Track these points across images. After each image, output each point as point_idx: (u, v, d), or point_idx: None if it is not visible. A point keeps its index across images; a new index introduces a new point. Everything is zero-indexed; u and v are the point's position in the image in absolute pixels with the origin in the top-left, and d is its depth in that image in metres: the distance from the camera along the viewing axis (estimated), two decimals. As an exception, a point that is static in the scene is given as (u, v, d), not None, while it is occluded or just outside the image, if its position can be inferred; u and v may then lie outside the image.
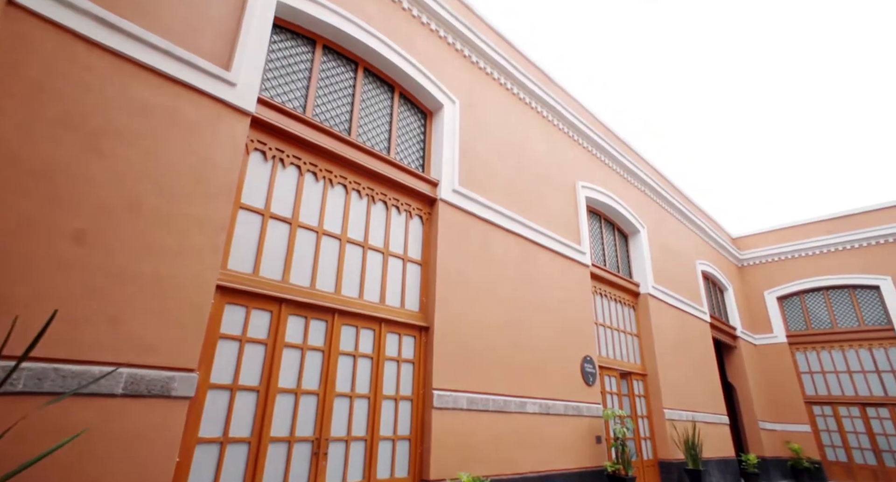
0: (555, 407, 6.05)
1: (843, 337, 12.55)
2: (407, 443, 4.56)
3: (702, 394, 9.72)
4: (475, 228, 5.95)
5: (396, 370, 4.74)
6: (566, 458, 5.97)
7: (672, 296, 9.86)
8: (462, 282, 5.48)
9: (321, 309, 4.28)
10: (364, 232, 4.96)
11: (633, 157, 10.22)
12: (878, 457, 11.50)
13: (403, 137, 5.90)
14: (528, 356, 6.00)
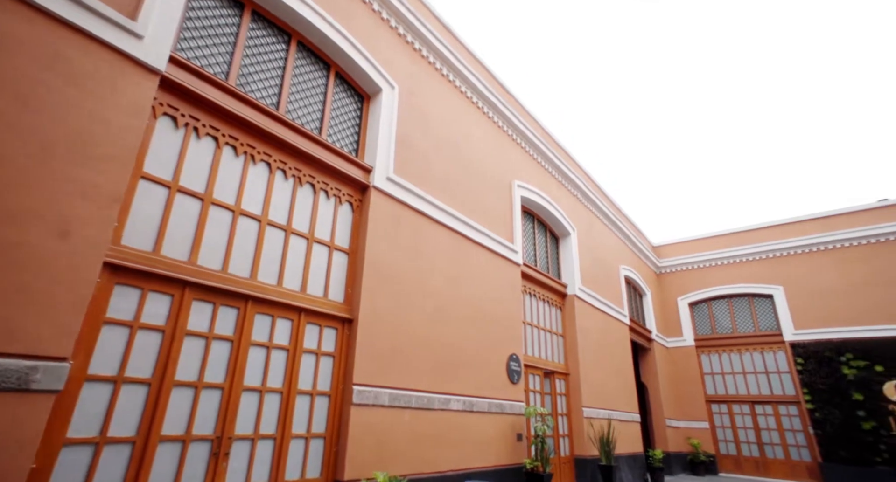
0: (479, 404, 6.01)
1: (741, 341, 13.76)
2: (321, 442, 4.28)
3: (618, 393, 10.19)
4: (408, 219, 5.76)
5: (315, 364, 4.44)
6: (487, 456, 5.95)
7: (597, 298, 10.26)
8: (391, 275, 5.27)
9: (233, 295, 3.90)
10: (288, 215, 4.61)
11: (568, 162, 10.52)
12: (761, 450, 12.74)
13: (338, 119, 5.59)
14: (455, 353, 5.91)
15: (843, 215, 12.95)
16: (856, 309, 12.03)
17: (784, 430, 12.52)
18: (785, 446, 12.44)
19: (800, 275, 13.11)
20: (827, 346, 12.10)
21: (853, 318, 12.00)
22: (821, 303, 12.53)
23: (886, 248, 12.14)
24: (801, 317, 12.74)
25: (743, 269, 14.13)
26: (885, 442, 10.83)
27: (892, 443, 10.74)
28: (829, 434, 11.49)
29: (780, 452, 12.46)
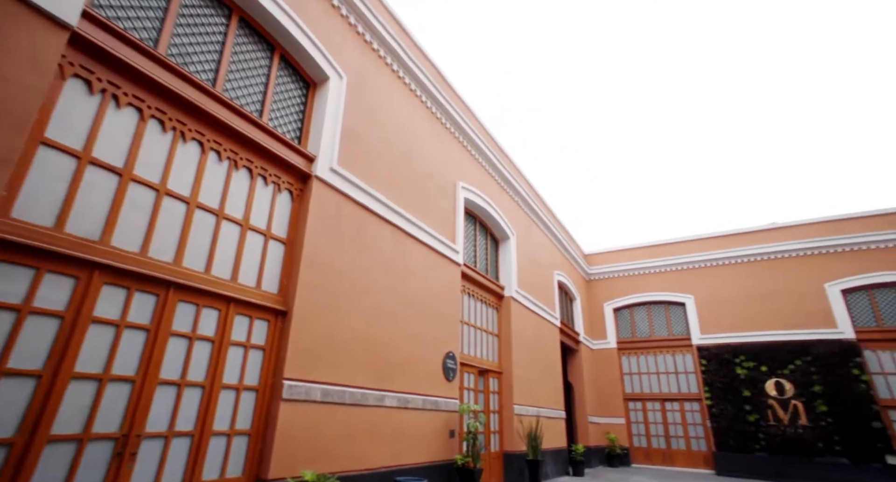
0: (413, 401, 5.98)
1: (656, 344, 14.83)
2: (246, 439, 4.04)
3: (547, 392, 10.58)
4: (350, 212, 5.62)
5: (243, 357, 4.19)
6: (419, 452, 5.93)
7: (531, 301, 10.60)
8: (330, 267, 5.11)
9: (151, 280, 3.58)
10: (221, 199, 4.32)
11: (510, 168, 10.80)
12: (668, 442, 13.85)
13: (281, 104, 5.35)
14: (393, 349, 5.84)
15: (740, 234, 14.39)
16: (749, 317, 13.41)
17: (687, 424, 13.68)
18: (687, 438, 13.59)
19: (707, 286, 14.38)
20: (726, 350, 13.37)
21: (747, 325, 13.36)
22: (723, 312, 13.83)
23: (773, 265, 13.66)
24: (706, 324, 13.97)
25: (662, 279, 15.24)
26: (763, 431, 12.22)
27: (769, 432, 12.15)
28: (722, 426, 12.73)
29: (683, 444, 13.60)
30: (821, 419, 11.78)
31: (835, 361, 12.05)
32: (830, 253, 13.04)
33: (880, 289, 12.42)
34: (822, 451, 11.57)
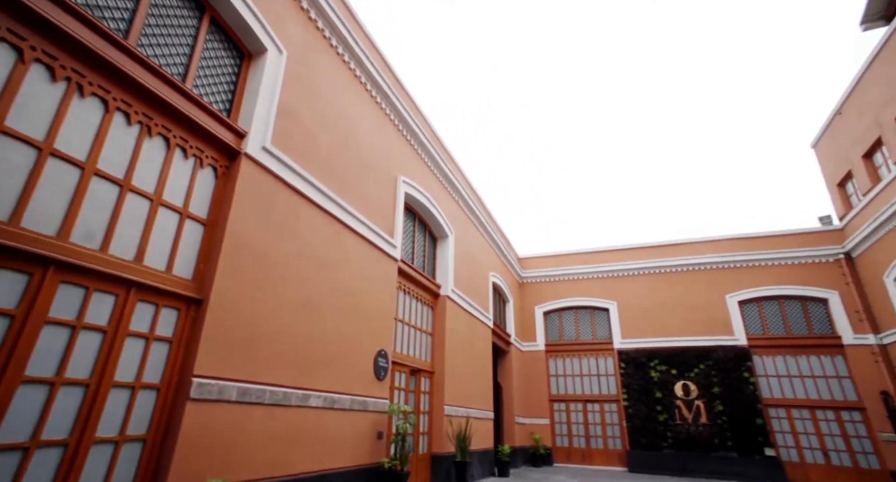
0: (341, 401, 5.62)
1: (581, 347, 15.44)
2: (139, 446, 3.50)
3: (477, 392, 10.56)
4: (283, 197, 5.18)
5: (143, 350, 3.65)
6: (345, 456, 5.58)
7: (466, 301, 10.54)
8: (256, 255, 4.65)
9: (25, 255, 2.99)
10: (127, 167, 3.75)
11: (452, 166, 10.70)
12: (588, 442, 14.44)
13: (209, 71, 4.81)
14: (322, 345, 5.45)
15: (659, 247, 15.40)
16: (664, 323, 14.36)
17: (606, 424, 14.35)
18: (605, 438, 14.26)
19: (629, 293, 15.21)
20: (643, 354, 14.21)
21: (662, 331, 14.30)
22: (641, 318, 14.69)
23: (685, 277, 14.73)
24: (627, 329, 14.76)
25: (589, 285, 15.89)
26: (671, 430, 13.10)
27: (676, 430, 13.05)
28: (636, 425, 13.49)
29: (601, 443, 14.25)
30: (718, 418, 12.83)
31: (731, 365, 13.18)
32: (731, 267, 14.27)
33: (767, 301, 13.78)
34: (717, 447, 12.60)
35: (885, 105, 11.00)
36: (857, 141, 12.28)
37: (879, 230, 11.61)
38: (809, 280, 13.32)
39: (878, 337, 12.19)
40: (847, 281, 12.88)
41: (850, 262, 13.00)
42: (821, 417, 12.44)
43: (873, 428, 11.81)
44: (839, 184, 13.54)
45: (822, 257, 13.37)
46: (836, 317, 12.85)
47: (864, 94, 11.89)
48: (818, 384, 12.70)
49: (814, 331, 13.12)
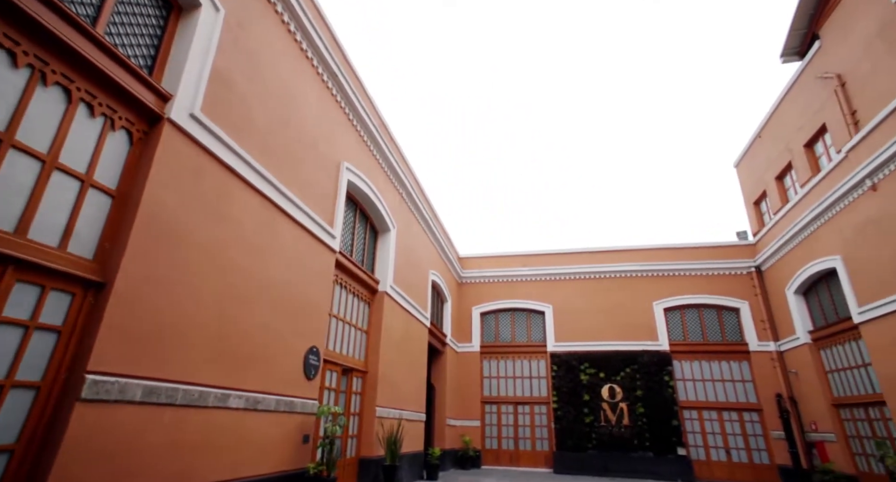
0: (265, 401, 5.12)
1: (516, 349, 15.64)
2: (5, 458, 2.88)
3: (411, 393, 10.28)
4: (212, 173, 4.62)
5: (21, 341, 3.02)
6: (267, 462, 5.08)
7: (405, 298, 10.23)
8: (176, 236, 4.08)
9: None
10: (10, 118, 3.10)
11: (398, 157, 10.36)
12: (516, 444, 14.63)
13: (128, 19, 4.17)
14: (248, 340, 4.93)
15: (594, 253, 15.97)
16: (595, 328, 14.89)
17: (535, 426, 14.61)
18: (533, 439, 14.50)
19: (563, 297, 15.62)
20: (574, 357, 14.63)
21: (592, 335, 14.82)
22: (574, 322, 15.13)
23: (617, 283, 15.38)
24: (560, 332, 15.15)
25: (527, 288, 16.14)
26: (595, 431, 13.59)
27: (600, 432, 13.55)
28: (564, 427, 13.85)
29: (529, 445, 14.49)
30: (639, 419, 13.49)
31: (654, 369, 13.92)
32: (659, 276, 15.12)
33: (689, 309, 14.75)
34: (636, 447, 13.24)
35: (797, 133, 12.12)
36: (772, 164, 13.46)
37: (785, 247, 12.76)
38: (725, 290, 14.40)
39: (777, 344, 13.41)
40: (756, 292, 14.07)
41: (760, 275, 14.22)
42: (726, 418, 13.46)
43: (767, 427, 12.96)
44: (755, 202, 14.78)
45: (737, 270, 14.52)
46: (745, 325, 13.99)
47: (779, 121, 13.03)
48: (726, 387, 13.74)
49: (726, 338, 14.20)
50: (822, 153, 11.42)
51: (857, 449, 10.81)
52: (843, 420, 11.20)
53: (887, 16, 9.04)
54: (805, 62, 11.70)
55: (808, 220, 11.43)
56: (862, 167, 9.46)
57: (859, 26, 9.83)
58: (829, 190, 10.68)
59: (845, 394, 11.05)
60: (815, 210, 11.10)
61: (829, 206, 10.65)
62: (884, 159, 8.91)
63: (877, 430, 10.10)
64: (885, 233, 9.13)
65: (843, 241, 10.42)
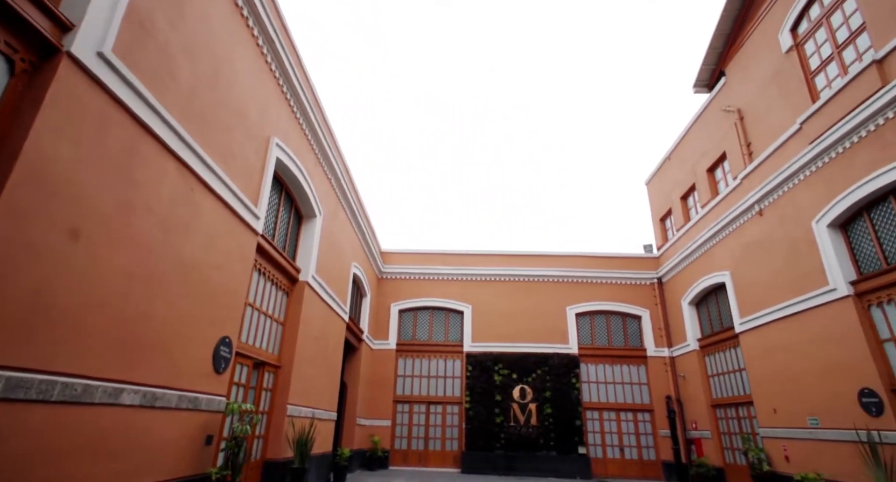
0: (166, 398, 4.43)
1: (433, 348, 15.56)
2: None
3: (324, 391, 9.71)
4: (121, 126, 3.90)
5: None
6: (161, 467, 4.39)
7: (326, 290, 9.66)
8: (71, 197, 3.35)
9: None
10: None
11: (331, 141, 9.77)
12: (426, 444, 14.51)
13: (23, -78, 3.35)
14: (150, 326, 4.23)
15: (514, 256, 16.46)
16: (511, 330, 15.30)
17: (446, 426, 14.63)
18: (444, 439, 14.50)
19: (483, 298, 15.86)
20: (489, 357, 14.90)
21: (508, 337, 15.21)
22: (492, 323, 15.43)
23: (534, 287, 15.96)
24: (478, 333, 15.35)
25: (448, 286, 16.14)
26: (504, 431, 13.92)
27: (508, 432, 13.91)
28: (475, 427, 14.02)
29: (439, 445, 14.46)
30: (546, 420, 14.06)
31: (563, 371, 14.62)
32: (573, 282, 15.94)
33: (598, 315, 15.74)
34: (541, 447, 13.78)
35: (701, 158, 13.45)
36: (678, 184, 14.81)
37: (683, 262, 14.08)
38: (631, 299, 15.55)
39: (671, 350, 14.75)
40: (656, 302, 15.37)
41: (661, 286, 15.56)
42: (623, 418, 14.51)
43: (657, 426, 14.19)
44: (661, 218, 16.17)
45: (642, 280, 15.75)
46: (645, 332, 15.21)
47: (687, 146, 14.39)
48: (625, 390, 14.83)
49: (628, 343, 15.33)
50: (721, 178, 12.78)
51: (726, 444, 12.19)
52: (718, 418, 12.58)
53: (780, 64, 10.31)
54: (712, 95, 13.02)
55: (706, 238, 12.71)
56: (752, 194, 10.69)
57: (758, 69, 11.13)
58: (724, 212, 11.95)
59: (722, 396, 12.41)
60: (711, 229, 12.35)
61: (724, 226, 11.91)
62: (770, 188, 10.13)
63: (743, 427, 11.46)
64: (767, 254, 10.38)
65: (732, 259, 11.70)
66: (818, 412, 8.76)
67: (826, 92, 9.06)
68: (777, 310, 9.87)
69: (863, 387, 7.79)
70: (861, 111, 7.90)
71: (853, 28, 8.63)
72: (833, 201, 8.55)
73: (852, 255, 8.47)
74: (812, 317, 8.97)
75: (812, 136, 9.04)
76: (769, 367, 10.15)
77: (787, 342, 9.61)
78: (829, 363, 8.49)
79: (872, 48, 8.02)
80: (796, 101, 9.70)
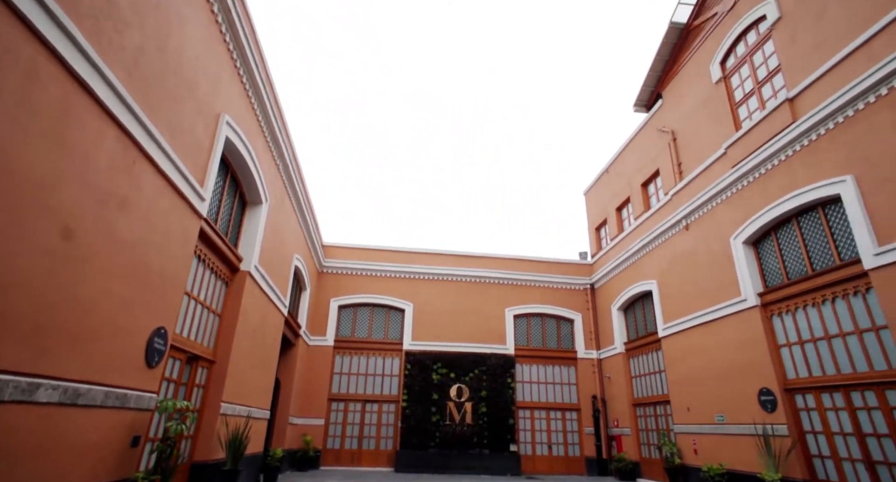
0: (90, 394, 3.93)
1: (372, 346, 15.26)
2: None
3: (259, 388, 9.18)
4: (54, 78, 3.42)
5: None
6: (80, 474, 3.89)
7: (267, 281, 9.14)
8: (-11, 153, 2.87)
9: None
10: None
11: (282, 126, 9.27)
12: (360, 443, 14.20)
13: None
14: (77, 311, 3.74)
15: (456, 256, 16.59)
16: (452, 329, 15.40)
17: (382, 425, 14.40)
18: (378, 438, 14.26)
19: (425, 297, 15.82)
20: (428, 356, 14.88)
21: (448, 336, 15.29)
22: (433, 322, 15.43)
23: (475, 287, 16.16)
24: (418, 331, 15.28)
25: (389, 283, 15.91)
26: (440, 430, 13.98)
27: (444, 430, 13.98)
28: (411, 426, 13.93)
29: (373, 444, 14.19)
30: (480, 418, 14.28)
31: (499, 371, 14.94)
32: (512, 284, 16.36)
33: (534, 317, 16.29)
34: (475, 445, 13.98)
35: (636, 173, 14.37)
36: (615, 196, 15.71)
37: (615, 270, 14.96)
38: (565, 302, 16.23)
39: (598, 352, 15.59)
40: (588, 307, 16.18)
41: (593, 292, 16.40)
42: (552, 417, 15.10)
43: (582, 424, 14.93)
44: (597, 228, 17.06)
45: (577, 285, 16.51)
46: (576, 335, 15.95)
47: (625, 160, 15.31)
48: (556, 389, 15.45)
49: (561, 345, 15.99)
50: (654, 193, 13.72)
51: (644, 440, 13.10)
52: (638, 417, 13.49)
53: (710, 92, 11.28)
54: (649, 115, 13.96)
55: (637, 249, 13.58)
56: (681, 209, 11.59)
57: (691, 95, 12.10)
58: (655, 225, 12.84)
59: (643, 396, 13.32)
60: (643, 240, 13.22)
61: (654, 238, 12.80)
62: (696, 205, 11.04)
63: (660, 425, 12.38)
64: (690, 265, 11.30)
65: (659, 269, 12.60)
66: (725, 409, 9.66)
67: (747, 122, 10.03)
68: (696, 317, 10.77)
69: (762, 387, 8.70)
70: (775, 142, 8.83)
71: (771, 68, 9.63)
72: (748, 221, 9.48)
73: (761, 270, 9.43)
74: (725, 325, 9.88)
75: (734, 160, 9.97)
76: (686, 369, 11.04)
77: (702, 346, 10.51)
78: (737, 366, 9.39)
79: (786, 87, 8.99)
80: (722, 127, 10.65)
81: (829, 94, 7.77)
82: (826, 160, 7.77)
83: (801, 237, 8.52)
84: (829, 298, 7.78)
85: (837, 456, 7.44)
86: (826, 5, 8.20)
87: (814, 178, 7.98)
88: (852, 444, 7.24)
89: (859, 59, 7.36)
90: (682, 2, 12.52)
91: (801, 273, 8.45)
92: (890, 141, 6.74)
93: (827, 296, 7.81)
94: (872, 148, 6.98)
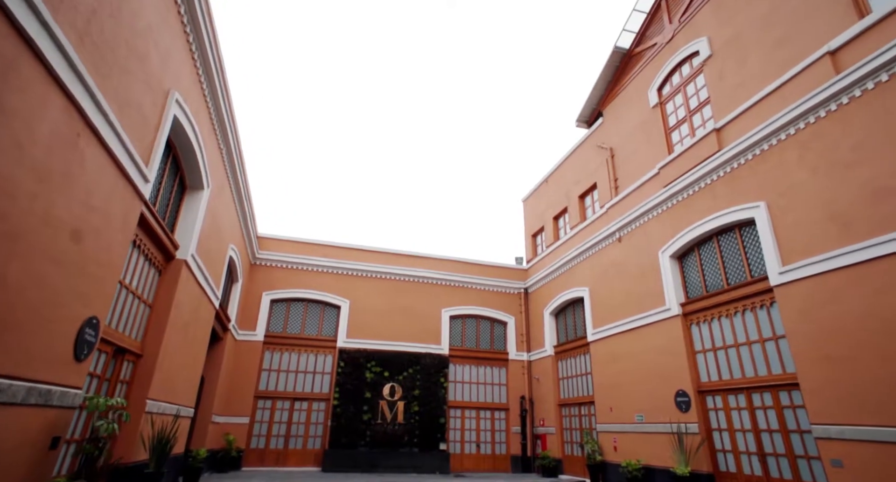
0: (11, 390, 3.50)
1: (305, 342, 14.76)
2: None
3: (187, 385, 8.58)
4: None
5: None
6: (-4, 479, 3.45)
7: (202, 272, 8.57)
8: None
9: None
10: None
11: (230, 109, 8.74)
12: (286, 442, 13.67)
13: None
14: (9, 297, 3.32)
15: (394, 254, 16.52)
16: (387, 328, 15.31)
17: (311, 424, 13.98)
18: (306, 437, 13.82)
19: (362, 294, 15.58)
20: (362, 355, 14.69)
21: (384, 335, 15.19)
22: (368, 320, 15.24)
23: (413, 287, 16.20)
24: (353, 329, 15.02)
25: (325, 279, 15.49)
26: (370, 429, 13.88)
27: (374, 429, 13.91)
28: (341, 425, 13.67)
29: (301, 443, 13.74)
30: (412, 417, 14.34)
31: (433, 371, 15.09)
32: (449, 285, 16.59)
33: (469, 318, 16.64)
34: (405, 444, 14.02)
35: (575, 185, 15.20)
36: (552, 205, 16.49)
37: (549, 276, 15.70)
38: (500, 305, 16.74)
39: (529, 354, 16.26)
40: (521, 310, 16.81)
41: (527, 296, 17.07)
42: (482, 416, 15.51)
43: (510, 423, 15.48)
44: (533, 234, 17.78)
45: (511, 289, 17.09)
46: (509, 337, 16.51)
47: (564, 172, 16.12)
48: (487, 390, 15.88)
49: (494, 346, 16.47)
50: (591, 205, 14.59)
51: (567, 438, 13.87)
52: (563, 416, 14.25)
53: (647, 115, 12.23)
54: (590, 131, 14.84)
55: (571, 257, 14.35)
56: (615, 222, 12.43)
57: (630, 116, 13.04)
58: (590, 235, 13.65)
59: (569, 397, 14.10)
60: (577, 249, 14.00)
61: (588, 247, 13.60)
62: (630, 219, 11.91)
63: (584, 424, 13.18)
64: (620, 275, 12.16)
65: (591, 277, 13.41)
66: (644, 410, 10.51)
67: (679, 146, 11.00)
68: (624, 324, 11.61)
69: (679, 389, 9.59)
70: (702, 167, 9.78)
71: (702, 99, 10.66)
72: (676, 236, 10.40)
73: (684, 282, 10.39)
74: (649, 331, 10.76)
75: (666, 180, 10.90)
76: (611, 372, 11.86)
77: (627, 351, 11.35)
78: (658, 369, 10.27)
79: (713, 118, 10.00)
80: (657, 149, 11.59)
81: (750, 128, 8.76)
82: (744, 187, 8.74)
83: (720, 254, 9.50)
84: (741, 310, 8.76)
85: (737, 450, 8.40)
86: (748, 50, 9.23)
87: (733, 202, 8.94)
88: (749, 440, 8.21)
89: (774, 100, 8.36)
90: (626, 29, 13.46)
91: (719, 286, 9.43)
92: (796, 175, 7.74)
93: (739, 308, 8.79)
94: (781, 180, 7.97)
